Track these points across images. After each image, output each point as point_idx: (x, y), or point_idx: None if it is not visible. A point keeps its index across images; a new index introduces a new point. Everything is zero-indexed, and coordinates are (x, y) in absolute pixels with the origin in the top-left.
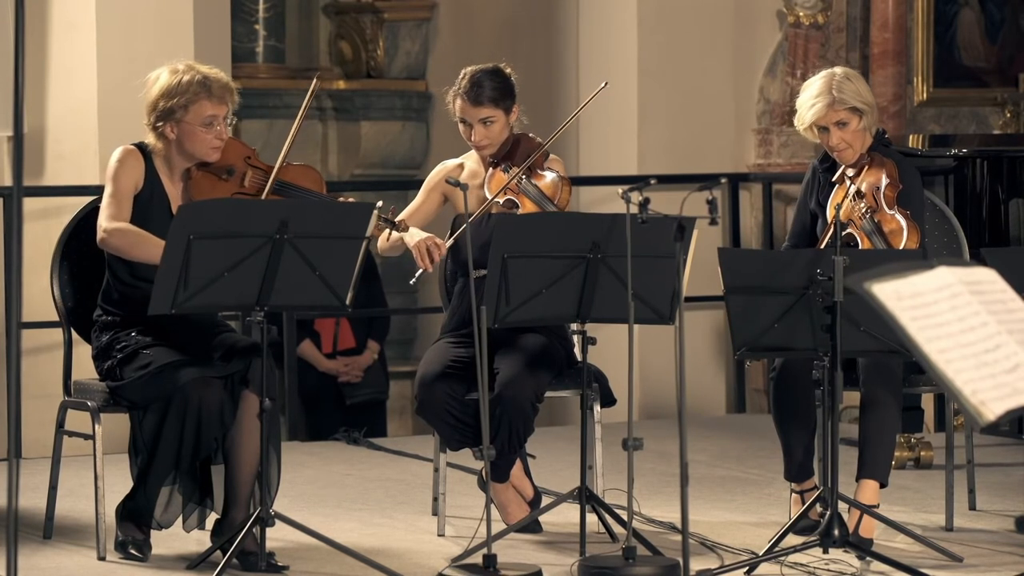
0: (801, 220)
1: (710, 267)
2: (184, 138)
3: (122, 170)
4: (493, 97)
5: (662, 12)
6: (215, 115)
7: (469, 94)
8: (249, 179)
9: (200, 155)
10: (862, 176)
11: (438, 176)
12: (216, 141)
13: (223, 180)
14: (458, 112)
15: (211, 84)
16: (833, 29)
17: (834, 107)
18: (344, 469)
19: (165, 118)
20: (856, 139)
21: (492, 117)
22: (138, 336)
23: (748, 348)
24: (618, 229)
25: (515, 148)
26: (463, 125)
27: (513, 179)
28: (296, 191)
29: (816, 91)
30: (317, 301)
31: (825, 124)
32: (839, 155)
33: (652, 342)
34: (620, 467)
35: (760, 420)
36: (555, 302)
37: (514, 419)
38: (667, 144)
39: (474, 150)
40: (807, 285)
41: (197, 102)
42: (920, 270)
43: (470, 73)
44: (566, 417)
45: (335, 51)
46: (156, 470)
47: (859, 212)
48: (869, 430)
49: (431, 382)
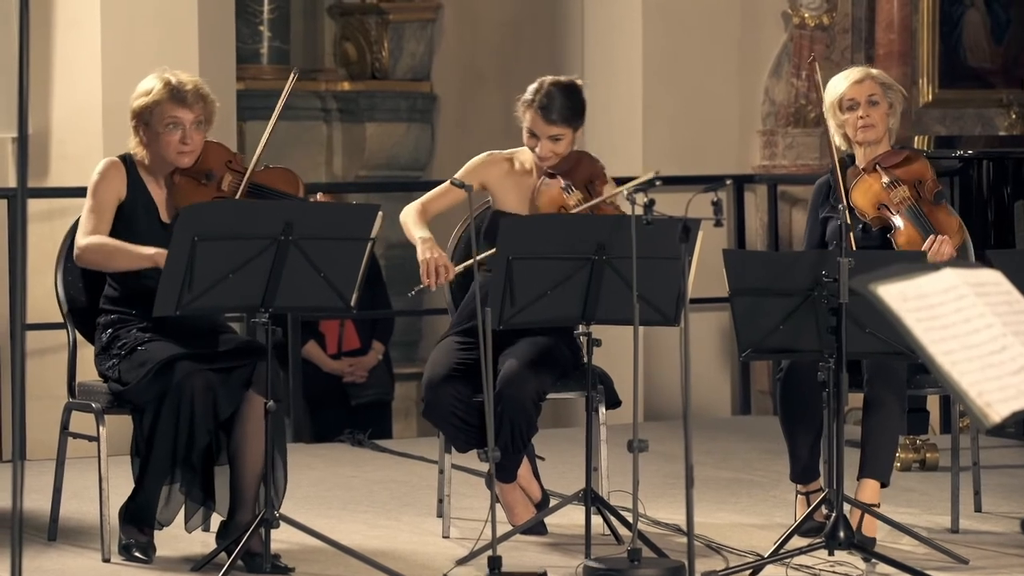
0: (812, 232)
1: (715, 269)
2: (152, 142)
3: (102, 183)
4: (567, 116)
5: (667, 13)
6: (177, 118)
7: (543, 109)
8: (228, 183)
9: (169, 159)
10: (898, 166)
11: (479, 165)
12: (181, 146)
13: (202, 185)
14: (528, 123)
15: (177, 88)
16: (838, 30)
17: (874, 81)
18: (349, 471)
19: (138, 122)
20: (881, 122)
21: (561, 135)
22: (138, 333)
23: (753, 350)
24: (623, 230)
25: (576, 166)
26: (529, 136)
27: (582, 208)
28: (270, 193)
29: (850, 71)
30: (322, 303)
31: (856, 97)
32: (864, 131)
33: (657, 344)
34: (625, 469)
35: (765, 422)
36: (560, 304)
37: (515, 417)
38: (672, 145)
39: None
40: (812, 287)
41: (161, 105)
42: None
43: (547, 86)
44: (571, 419)
45: (340, 52)
46: (154, 467)
47: (899, 197)
48: (871, 430)
49: (438, 384)
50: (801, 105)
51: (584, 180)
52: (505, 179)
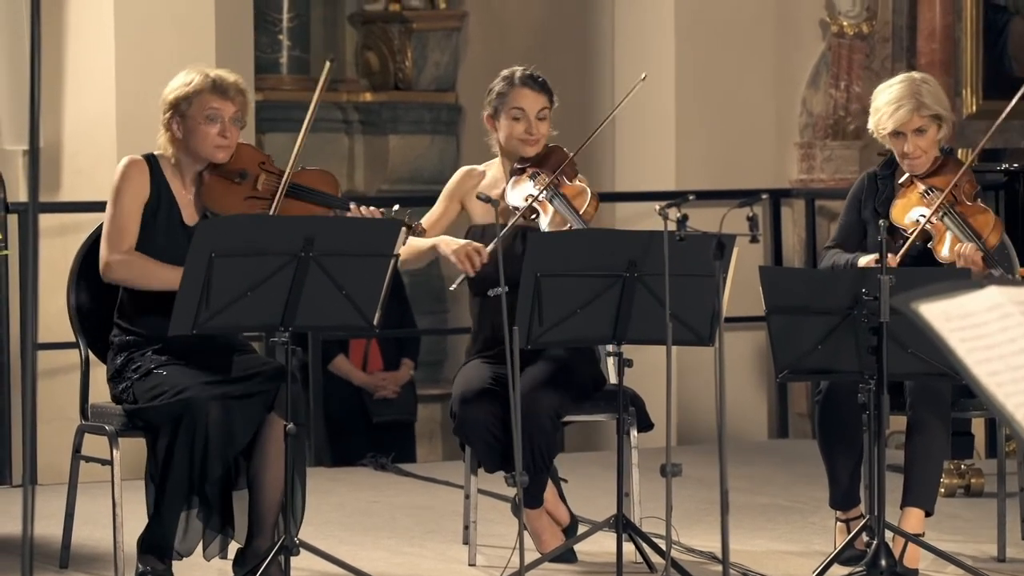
0: (849, 220)
1: (751, 286)
2: (189, 135)
3: (125, 185)
4: (548, 87)
5: (700, 21)
6: (218, 109)
7: (530, 81)
8: (262, 183)
9: (205, 153)
10: (934, 173)
11: (457, 182)
12: (220, 139)
13: (236, 184)
14: (515, 102)
15: (217, 80)
16: (878, 39)
17: (919, 112)
18: (371, 496)
19: (174, 113)
20: (931, 148)
21: (546, 111)
22: (153, 356)
23: (791, 371)
24: (655, 247)
25: (546, 157)
26: (513, 121)
27: (543, 188)
28: (309, 193)
29: (897, 95)
30: (344, 321)
31: (903, 130)
32: (911, 163)
33: (691, 364)
34: (658, 494)
35: (804, 446)
36: (590, 322)
37: (533, 435)
38: (706, 158)
39: (501, 159)
40: (852, 305)
41: (201, 95)
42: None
43: (519, 69)
44: (602, 442)
45: (362, 62)
46: (170, 495)
47: (936, 204)
48: (915, 455)
49: (471, 399)
50: (840, 117)
51: (553, 168)
52: (481, 191)
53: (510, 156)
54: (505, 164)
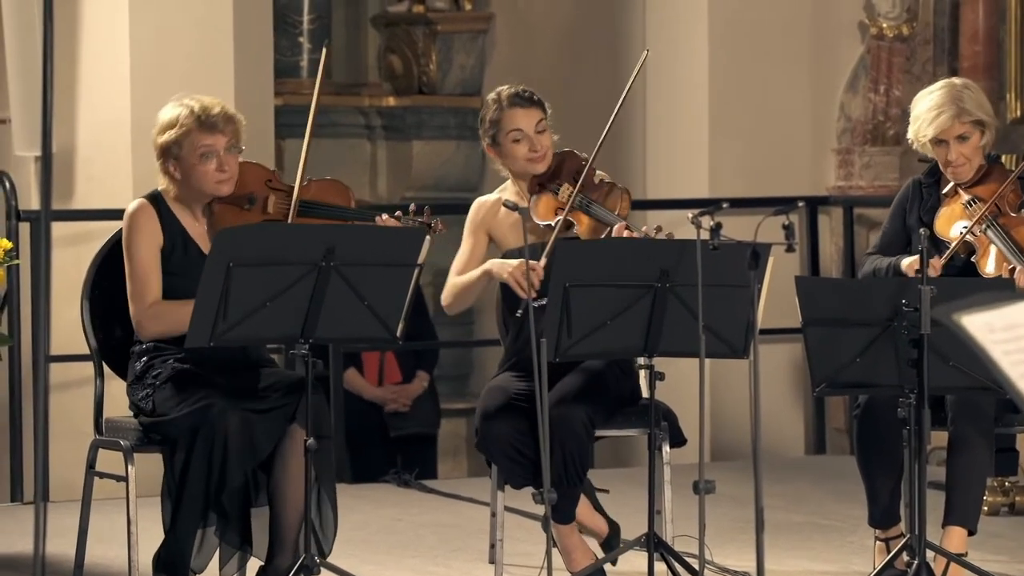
0: (894, 227)
1: (787, 297)
2: (187, 176)
3: (136, 236)
4: (539, 99)
5: (735, 23)
6: (210, 145)
7: (519, 97)
8: (273, 204)
9: (207, 190)
10: (978, 183)
11: (478, 215)
12: (219, 174)
13: (245, 211)
14: (511, 125)
15: (202, 114)
16: (919, 41)
17: (960, 119)
18: (394, 513)
19: (167, 157)
20: (975, 156)
21: (543, 122)
22: (175, 363)
23: (828, 384)
24: (688, 256)
25: (561, 166)
26: (515, 144)
27: (570, 200)
28: (322, 209)
29: (938, 102)
30: (365, 333)
31: (945, 138)
32: (954, 171)
33: (725, 377)
34: (691, 512)
35: (842, 462)
36: (620, 334)
37: (566, 444)
38: (740, 165)
39: (513, 182)
40: (892, 317)
41: (190, 136)
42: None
43: (504, 90)
44: (633, 458)
45: (384, 65)
46: (186, 510)
47: (979, 215)
48: (957, 472)
49: (493, 415)
50: (879, 122)
51: (571, 175)
52: (499, 221)
53: (523, 176)
54: (521, 185)
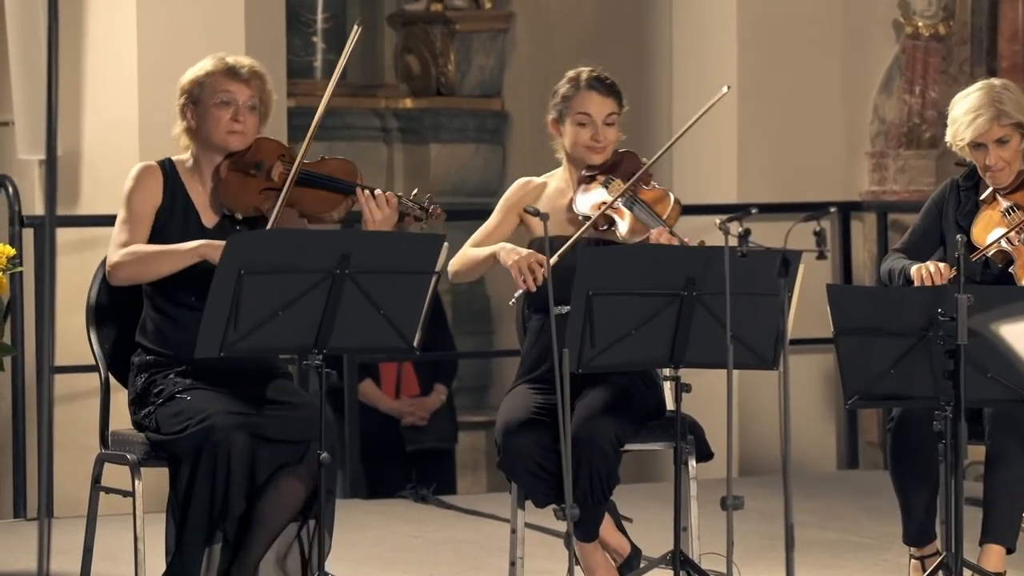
0: (924, 225)
1: (818, 306)
2: (201, 122)
3: (136, 190)
4: (618, 91)
5: (764, 22)
6: (231, 92)
7: (598, 84)
8: (278, 173)
9: (217, 139)
10: (1017, 189)
11: (516, 195)
12: (233, 124)
13: (251, 176)
14: (581, 107)
15: (231, 63)
16: (956, 41)
17: (999, 121)
18: (411, 530)
19: (187, 101)
20: (1015, 159)
21: (614, 116)
22: (177, 378)
23: (861, 396)
24: (715, 263)
25: (617, 164)
26: (579, 127)
27: (617, 196)
28: (319, 179)
29: (976, 104)
30: (382, 343)
31: (984, 141)
32: (993, 176)
33: (753, 389)
34: (718, 529)
35: (875, 477)
36: (645, 345)
37: (593, 462)
38: (770, 169)
39: (566, 167)
40: (927, 326)
41: (214, 78)
42: None
43: (586, 71)
44: (658, 473)
45: (401, 66)
46: (191, 529)
47: (1018, 223)
48: (995, 488)
49: (516, 430)
50: (915, 124)
51: (627, 174)
52: (540, 205)
53: (576, 164)
54: (571, 172)
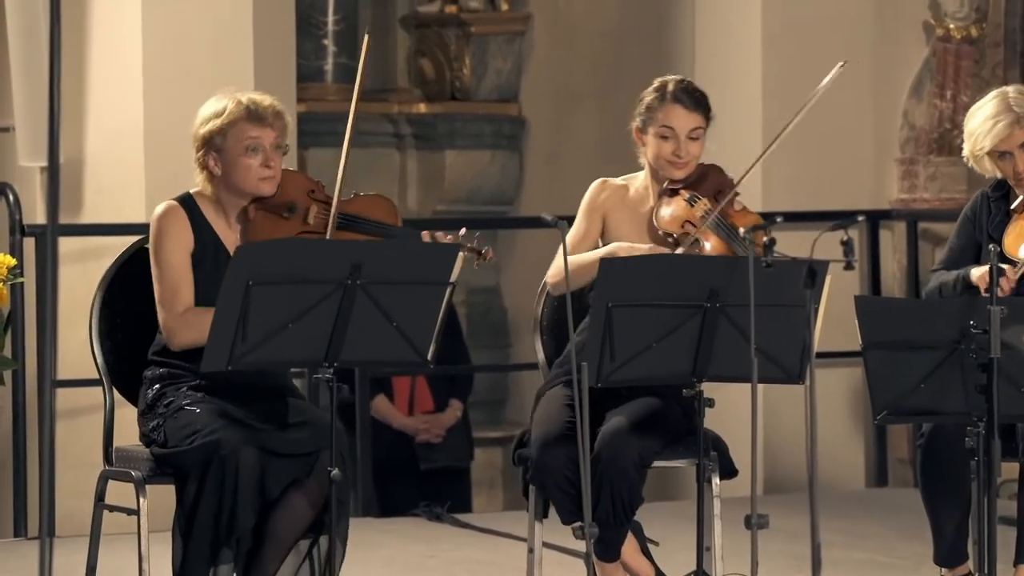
0: (960, 242)
1: (846, 318)
2: (229, 170)
3: (165, 240)
4: (706, 105)
5: (790, 24)
6: (257, 138)
7: (685, 93)
8: (314, 216)
9: (249, 188)
10: None
11: (597, 195)
12: (264, 170)
13: (284, 219)
14: (665, 120)
15: (252, 105)
16: (989, 43)
17: (1020, 124)
18: (426, 549)
19: (207, 149)
20: None
21: (699, 131)
22: (188, 391)
23: (890, 412)
24: (739, 274)
25: (702, 178)
26: (661, 140)
27: (710, 216)
28: (367, 224)
29: (992, 111)
30: (394, 356)
31: (1007, 148)
32: (1022, 183)
33: (778, 404)
34: (742, 548)
35: (904, 495)
36: (667, 358)
37: (615, 483)
38: (795, 176)
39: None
40: (959, 339)
41: (236, 125)
42: None
43: (673, 80)
44: (680, 490)
45: (415, 70)
46: (196, 546)
47: None
48: None
49: (552, 444)
50: (946, 130)
51: (712, 191)
52: (619, 208)
53: (658, 175)
54: (653, 182)
